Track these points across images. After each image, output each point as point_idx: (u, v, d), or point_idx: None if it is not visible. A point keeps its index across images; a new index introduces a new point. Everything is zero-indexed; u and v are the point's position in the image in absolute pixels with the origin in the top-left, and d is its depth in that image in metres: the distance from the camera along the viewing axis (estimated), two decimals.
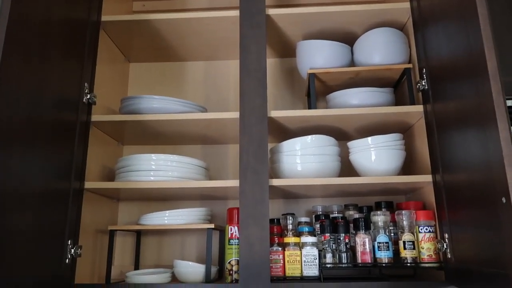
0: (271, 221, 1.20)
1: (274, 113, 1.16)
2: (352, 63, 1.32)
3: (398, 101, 1.36)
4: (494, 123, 0.70)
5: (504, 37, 1.45)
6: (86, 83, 1.14)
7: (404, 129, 1.31)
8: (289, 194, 1.29)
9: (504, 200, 0.66)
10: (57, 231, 0.98)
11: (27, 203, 0.85)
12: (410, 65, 1.22)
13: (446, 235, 0.98)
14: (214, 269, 1.15)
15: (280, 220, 1.20)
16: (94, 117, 1.18)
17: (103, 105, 1.28)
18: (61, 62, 1.00)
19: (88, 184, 1.13)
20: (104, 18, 1.26)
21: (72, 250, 1.04)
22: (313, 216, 1.25)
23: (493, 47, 0.70)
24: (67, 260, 1.01)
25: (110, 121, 1.19)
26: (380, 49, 1.22)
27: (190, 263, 1.12)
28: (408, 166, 1.29)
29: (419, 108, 1.14)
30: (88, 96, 1.15)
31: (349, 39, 1.37)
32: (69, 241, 1.02)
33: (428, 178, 1.08)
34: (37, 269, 0.89)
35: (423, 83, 1.10)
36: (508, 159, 0.65)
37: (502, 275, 0.70)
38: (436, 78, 1.03)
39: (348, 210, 1.25)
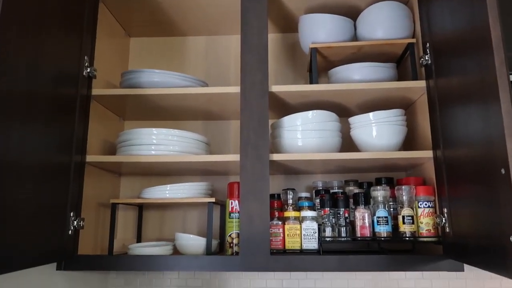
0: (272, 196, 1.20)
1: (275, 88, 1.15)
2: (355, 38, 1.30)
3: (400, 77, 1.34)
4: (496, 96, 0.69)
5: (510, 14, 1.42)
6: (85, 57, 1.13)
7: (406, 105, 1.30)
8: (289, 170, 1.30)
9: (503, 171, 0.66)
10: (59, 203, 0.99)
11: (28, 175, 0.86)
12: (413, 40, 1.20)
13: (445, 210, 0.99)
14: (215, 242, 1.17)
15: (281, 195, 1.21)
16: (95, 91, 1.18)
17: (104, 80, 1.28)
18: (59, 35, 0.99)
19: (89, 158, 1.14)
20: None
21: (75, 222, 1.05)
22: (313, 191, 1.26)
23: (498, 17, 0.69)
24: (69, 231, 1.03)
25: (111, 95, 1.18)
26: (384, 24, 1.20)
27: (191, 236, 1.13)
28: (409, 143, 1.29)
29: (422, 83, 1.12)
30: (88, 70, 1.14)
31: (352, 13, 1.35)
32: (72, 213, 1.04)
33: (429, 153, 1.08)
34: (41, 240, 0.90)
35: (426, 58, 1.09)
36: (508, 130, 0.65)
37: (499, 247, 0.71)
38: (439, 53, 1.02)
39: (348, 185, 1.25)
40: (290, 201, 1.17)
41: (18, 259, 0.81)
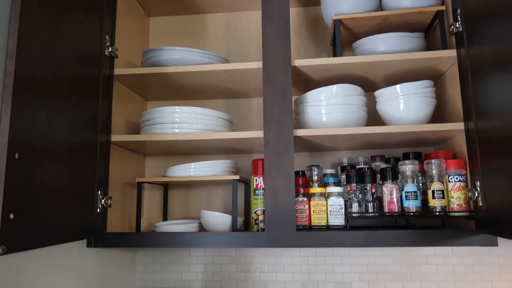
0: (296, 173, 1.19)
1: (298, 62, 1.12)
2: (380, 8, 1.25)
3: (429, 48, 1.28)
4: None
5: None
6: (107, 36, 1.12)
7: (434, 78, 1.25)
8: (314, 146, 1.28)
9: None
10: (87, 182, 1.00)
11: (56, 155, 0.87)
12: (443, 7, 1.14)
13: (478, 183, 0.95)
14: (240, 220, 1.17)
15: (306, 172, 1.19)
16: (117, 71, 1.18)
17: (125, 60, 1.28)
18: (79, 15, 0.99)
19: (114, 137, 1.14)
20: None
21: (103, 201, 1.07)
22: (339, 167, 1.24)
23: None
24: (98, 209, 1.04)
25: (133, 74, 1.18)
26: None
27: (217, 213, 1.14)
28: (438, 117, 1.24)
29: (452, 52, 1.07)
30: (110, 49, 1.14)
31: None
32: (99, 192, 1.05)
33: (460, 126, 1.04)
34: (71, 217, 0.92)
35: (457, 26, 1.04)
36: None
37: None
38: (472, 19, 0.97)
39: (375, 161, 1.22)
40: (315, 178, 1.15)
41: (50, 235, 0.83)
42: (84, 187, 0.99)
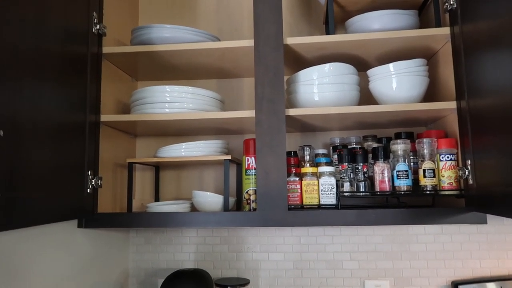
0: (288, 153, 1.18)
1: (290, 40, 1.10)
2: None
3: (423, 26, 1.27)
4: None
5: None
6: (94, 12, 1.09)
7: (428, 57, 1.24)
8: (306, 126, 1.27)
9: None
10: (76, 162, 0.99)
11: (44, 133, 0.85)
12: None
13: (469, 162, 0.95)
14: (232, 200, 1.16)
15: (298, 152, 1.19)
16: (105, 49, 1.15)
17: (114, 38, 1.25)
18: None
19: (104, 117, 1.13)
20: None
21: (93, 181, 1.06)
22: (331, 147, 1.24)
23: None
24: (88, 189, 1.03)
25: (122, 53, 1.16)
26: None
27: (209, 193, 1.13)
28: (430, 97, 1.23)
29: (446, 30, 1.06)
30: (98, 27, 1.11)
31: None
32: (89, 172, 1.04)
33: (452, 104, 1.03)
34: (60, 197, 0.91)
35: (451, 2, 1.02)
36: None
37: None
38: None
39: (367, 141, 1.22)
40: (307, 158, 1.15)
41: (38, 214, 0.82)
42: (74, 167, 0.98)
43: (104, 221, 1.06)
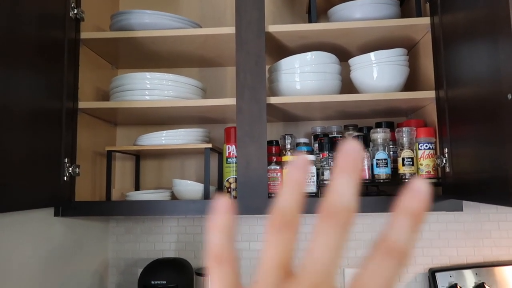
0: (270, 142, 1.18)
1: (272, 28, 1.09)
2: None
3: (404, 16, 1.28)
4: (507, 31, 0.66)
5: None
6: None
7: (409, 47, 1.25)
8: (288, 116, 1.27)
9: (509, 96, 0.63)
10: (53, 150, 0.97)
11: (18, 122, 0.83)
12: None
13: (446, 150, 0.97)
14: (212, 188, 1.16)
15: (279, 141, 1.19)
16: (83, 35, 1.12)
17: (93, 24, 1.22)
18: None
19: (81, 104, 1.10)
20: None
21: (70, 169, 1.04)
22: (312, 136, 1.24)
23: None
24: (65, 177, 1.01)
25: (100, 39, 1.13)
26: None
27: (189, 181, 1.12)
28: (411, 87, 1.25)
29: (426, 20, 1.07)
30: (75, 11, 1.08)
31: None
32: (66, 160, 1.02)
33: (431, 94, 1.05)
34: (35, 184, 0.89)
35: None
36: None
37: (500, 179, 0.69)
38: None
39: (348, 130, 1.23)
40: (288, 146, 1.15)
41: (12, 200, 0.80)
42: (50, 155, 0.96)
43: (81, 210, 1.05)
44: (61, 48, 1.03)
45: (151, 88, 1.10)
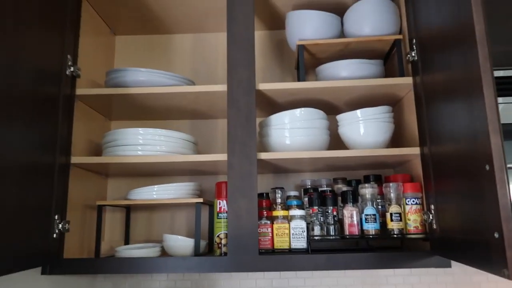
0: (260, 195, 1.19)
1: (262, 86, 1.14)
2: (342, 35, 1.30)
3: (388, 74, 1.34)
4: (480, 90, 0.69)
5: (495, 8, 1.43)
6: (68, 55, 1.10)
7: (394, 102, 1.30)
8: (278, 169, 1.29)
9: (487, 167, 0.66)
10: (43, 206, 0.97)
11: (10, 176, 0.83)
12: (400, 36, 1.20)
13: (432, 206, 0.99)
14: (203, 243, 1.15)
15: (269, 194, 1.20)
16: (79, 91, 1.15)
17: (88, 79, 1.25)
18: (39, 32, 0.97)
19: (74, 159, 1.11)
20: None
21: (60, 225, 1.03)
22: (302, 190, 1.26)
23: (482, 11, 0.69)
24: (54, 234, 1.01)
25: (96, 95, 1.16)
26: (370, 20, 1.20)
27: (180, 237, 1.12)
28: (397, 140, 1.29)
29: (409, 80, 1.12)
30: (72, 69, 1.12)
31: (339, 9, 1.34)
32: (56, 216, 1.02)
33: (416, 150, 1.08)
34: (23, 244, 0.88)
35: (413, 54, 1.09)
36: (492, 125, 0.65)
37: (484, 243, 0.71)
38: (425, 49, 1.02)
39: (337, 183, 1.25)
40: (279, 200, 1.16)
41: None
42: (40, 212, 0.95)
43: (70, 268, 1.03)
44: (56, 103, 1.05)
45: (143, 143, 1.12)
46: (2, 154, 0.81)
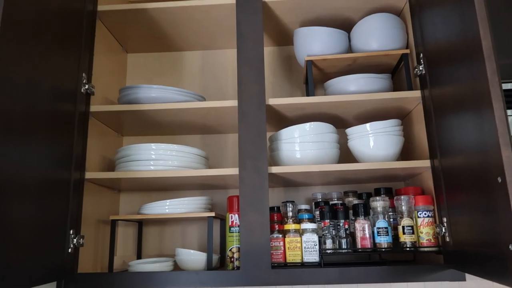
0: (271, 209, 1.20)
1: (272, 101, 1.16)
2: (349, 50, 1.32)
3: (396, 87, 1.35)
4: (489, 103, 0.70)
5: (500, 21, 1.45)
6: (83, 74, 1.14)
7: (402, 115, 1.31)
8: (289, 182, 1.30)
9: (499, 179, 0.66)
10: (59, 221, 0.99)
11: (28, 193, 0.86)
12: (407, 51, 1.21)
13: (445, 219, 0.99)
14: (215, 257, 1.16)
15: (280, 208, 1.21)
16: (93, 108, 1.18)
17: (102, 96, 1.28)
18: (57, 52, 1.00)
19: (88, 175, 1.14)
20: (100, 7, 1.25)
21: (75, 240, 1.05)
22: (313, 203, 1.26)
23: (488, 26, 0.70)
24: (69, 249, 1.02)
25: (109, 111, 1.19)
26: (378, 35, 1.22)
27: (192, 251, 1.13)
28: (407, 152, 1.29)
29: (417, 93, 1.13)
30: (86, 87, 1.15)
31: (346, 25, 1.37)
32: (71, 231, 1.03)
33: (426, 163, 1.08)
34: (40, 259, 0.90)
35: (421, 68, 1.10)
36: (503, 138, 0.65)
37: (499, 255, 0.71)
38: (433, 62, 1.03)
39: (348, 196, 1.25)
40: (290, 214, 1.17)
41: (16, 280, 0.81)
42: (56, 227, 0.97)
43: (84, 283, 1.04)
44: (72, 121, 1.08)
45: (156, 158, 1.14)
46: (22, 171, 0.84)
